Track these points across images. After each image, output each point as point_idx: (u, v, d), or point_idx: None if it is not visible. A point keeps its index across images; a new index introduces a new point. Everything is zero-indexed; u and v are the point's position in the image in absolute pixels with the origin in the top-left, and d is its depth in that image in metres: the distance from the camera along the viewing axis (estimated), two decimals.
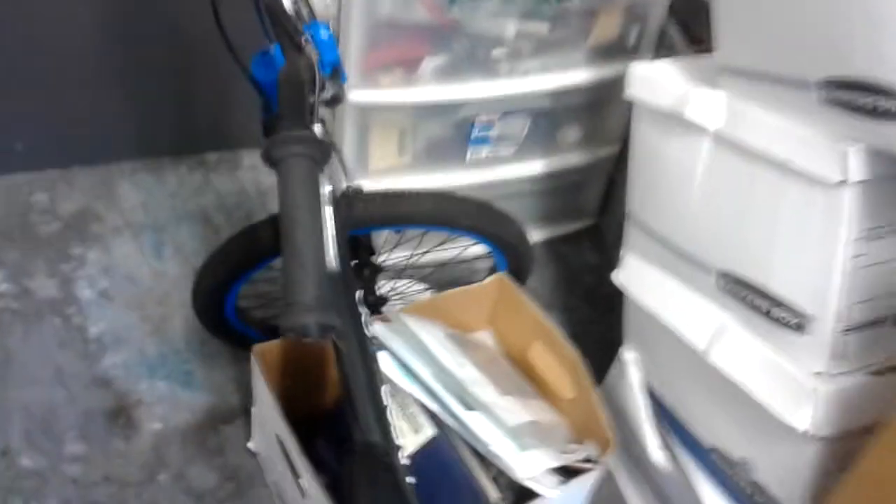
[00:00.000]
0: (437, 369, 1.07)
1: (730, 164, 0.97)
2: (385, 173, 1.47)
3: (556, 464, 1.03)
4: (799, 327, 0.92)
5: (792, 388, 0.92)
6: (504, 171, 1.57)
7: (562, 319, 1.60)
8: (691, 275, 1.07)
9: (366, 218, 1.07)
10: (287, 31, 0.84)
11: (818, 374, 0.91)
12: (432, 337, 1.12)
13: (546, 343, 1.22)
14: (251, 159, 1.82)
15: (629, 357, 1.25)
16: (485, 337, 1.29)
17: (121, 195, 1.68)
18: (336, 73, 0.88)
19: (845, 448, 0.92)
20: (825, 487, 0.96)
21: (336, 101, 0.88)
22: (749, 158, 0.94)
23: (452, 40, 1.34)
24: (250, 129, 0.99)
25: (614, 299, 1.28)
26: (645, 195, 1.15)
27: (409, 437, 1.05)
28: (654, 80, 1.07)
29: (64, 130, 1.68)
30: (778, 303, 0.94)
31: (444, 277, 1.51)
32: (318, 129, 0.84)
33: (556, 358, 1.20)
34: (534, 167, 1.60)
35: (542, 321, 1.24)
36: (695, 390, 1.11)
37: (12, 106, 1.61)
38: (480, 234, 1.22)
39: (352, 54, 1.28)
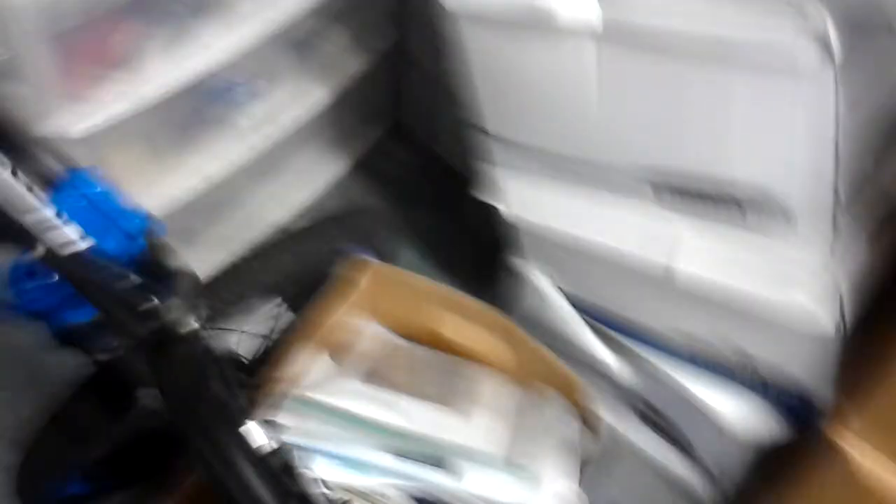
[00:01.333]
0: (380, 438, 0.85)
1: (638, 63, 0.76)
2: (135, 188, 1.13)
3: (575, 477, 0.87)
4: (787, 222, 0.77)
5: (804, 292, 0.80)
6: (284, 119, 1.27)
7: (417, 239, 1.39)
8: (616, 188, 0.89)
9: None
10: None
11: (826, 264, 0.79)
12: (351, 397, 0.89)
13: (453, 310, 1.02)
14: None
15: (541, 275, 1.08)
16: (379, 334, 1.07)
17: None
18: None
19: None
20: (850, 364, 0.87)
21: None
22: (675, 56, 0.74)
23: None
24: None
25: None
26: (511, 111, 0.92)
27: None
28: None
29: None
30: (748, 204, 0.78)
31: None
32: None
33: (472, 322, 1.02)
34: (314, 97, 1.31)
35: (438, 291, 1.03)
36: (651, 300, 0.97)
37: None
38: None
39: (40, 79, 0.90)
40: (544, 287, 1.08)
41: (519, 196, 1.00)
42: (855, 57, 0.67)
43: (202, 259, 0.96)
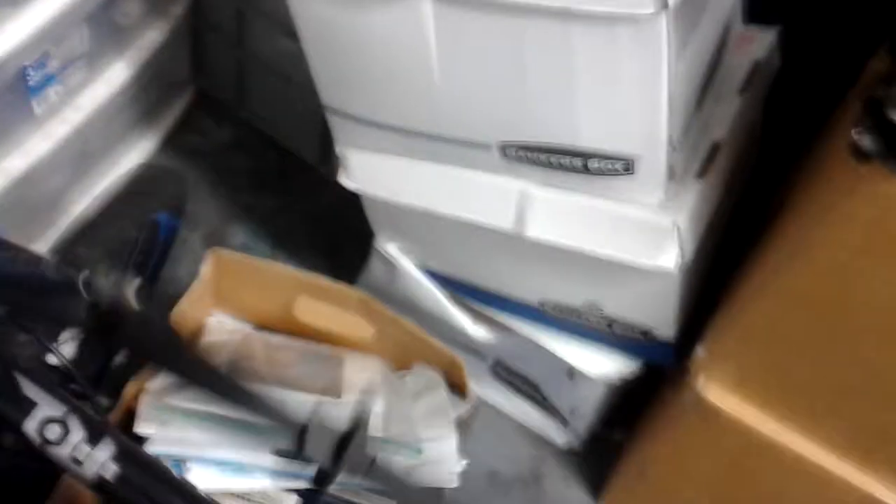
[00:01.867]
0: (252, 436, 0.80)
1: (475, 23, 0.75)
2: None
3: (452, 440, 0.87)
4: (627, 169, 0.80)
5: (645, 232, 0.83)
6: (83, 101, 1.16)
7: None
8: (461, 155, 0.88)
9: None
10: None
11: (663, 205, 0.82)
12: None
13: (305, 292, 0.98)
14: None
15: (393, 248, 1.07)
16: (229, 326, 1.01)
17: None
18: None
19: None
20: (690, 302, 0.93)
21: None
22: (501, 11, 0.73)
23: None
24: None
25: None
26: (352, 86, 0.88)
27: None
28: None
29: None
30: (591, 155, 0.80)
31: None
32: None
33: (326, 302, 0.99)
34: (113, 74, 1.20)
35: (287, 273, 0.99)
36: (499, 261, 0.98)
37: None
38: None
39: None
40: (397, 261, 1.07)
41: (360, 170, 0.97)
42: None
43: None
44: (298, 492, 0.81)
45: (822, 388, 0.81)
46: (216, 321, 1.00)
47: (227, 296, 1.00)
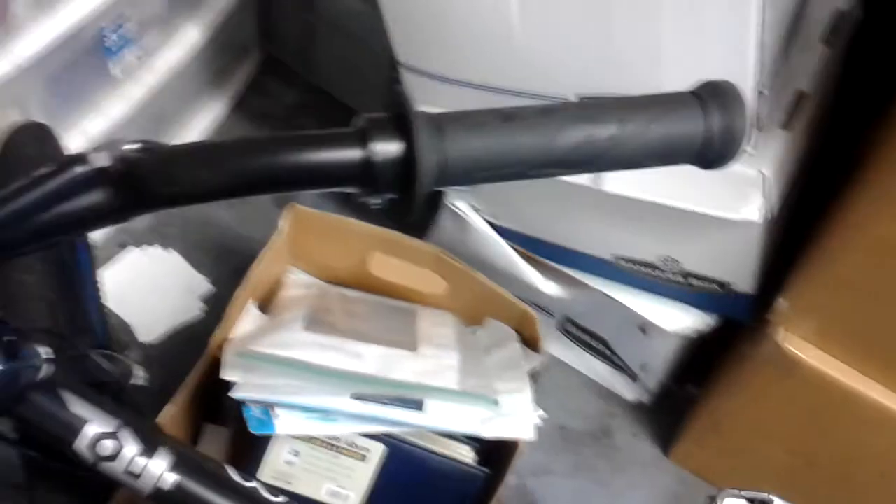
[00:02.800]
0: (336, 384, 0.82)
1: None
2: None
3: (528, 392, 0.88)
4: None
5: (729, 183, 0.82)
6: (159, 64, 1.18)
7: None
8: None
9: None
10: None
11: (747, 155, 0.81)
12: (297, 346, 0.85)
13: (380, 248, 1.00)
14: None
15: (464, 204, 1.07)
16: (304, 281, 1.03)
17: None
18: None
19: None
20: (770, 255, 0.92)
21: None
22: None
23: None
24: None
25: None
26: (428, 40, 0.88)
27: (361, 472, 0.83)
28: None
29: None
30: None
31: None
32: None
33: (400, 258, 1.00)
34: (186, 37, 1.22)
35: (362, 229, 1.00)
36: (573, 216, 0.98)
37: None
38: None
39: None
40: (468, 217, 1.07)
41: None
42: None
43: None
44: (382, 440, 0.82)
45: None
46: (293, 276, 1.02)
47: (302, 251, 1.02)
